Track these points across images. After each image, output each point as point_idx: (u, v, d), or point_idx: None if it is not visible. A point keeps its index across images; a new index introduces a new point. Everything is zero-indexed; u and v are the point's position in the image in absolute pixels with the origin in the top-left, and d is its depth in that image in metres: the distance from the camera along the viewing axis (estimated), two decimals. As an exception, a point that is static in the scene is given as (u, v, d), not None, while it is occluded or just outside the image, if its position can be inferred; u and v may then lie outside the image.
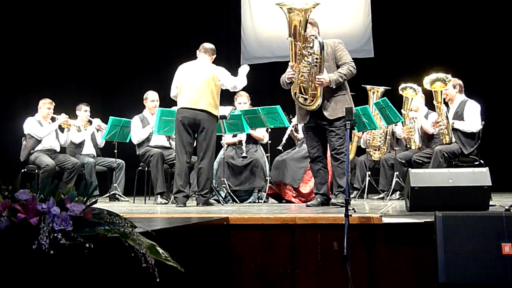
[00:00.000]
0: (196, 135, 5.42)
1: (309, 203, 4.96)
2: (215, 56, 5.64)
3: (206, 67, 5.49)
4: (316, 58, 4.62)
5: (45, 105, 6.90)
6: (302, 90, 4.75)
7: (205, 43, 5.66)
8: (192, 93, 5.35)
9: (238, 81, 5.56)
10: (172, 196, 5.64)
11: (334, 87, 4.70)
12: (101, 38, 9.51)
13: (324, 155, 4.97)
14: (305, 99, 4.75)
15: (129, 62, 9.64)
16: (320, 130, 4.87)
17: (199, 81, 5.38)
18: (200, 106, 5.31)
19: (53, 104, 6.96)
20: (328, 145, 4.91)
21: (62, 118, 6.92)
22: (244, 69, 5.65)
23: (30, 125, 6.78)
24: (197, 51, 5.62)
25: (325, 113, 4.74)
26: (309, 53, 4.63)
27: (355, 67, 4.81)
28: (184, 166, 5.32)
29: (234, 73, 5.62)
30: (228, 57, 8.79)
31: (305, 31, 4.58)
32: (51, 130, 6.84)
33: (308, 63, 4.63)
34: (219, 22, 9.77)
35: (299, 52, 4.65)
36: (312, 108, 4.74)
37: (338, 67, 4.79)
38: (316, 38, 4.65)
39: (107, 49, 9.56)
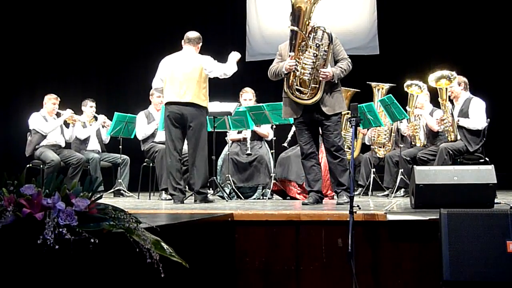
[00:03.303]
0: (185, 130, 5.20)
1: (305, 201, 4.78)
2: (201, 44, 5.37)
3: (190, 58, 5.26)
4: (325, 51, 4.48)
5: (50, 101, 6.91)
6: (299, 83, 4.56)
7: (189, 32, 5.39)
8: (177, 86, 5.14)
9: (227, 67, 5.29)
10: (168, 195, 5.62)
11: (336, 81, 4.59)
12: (106, 33, 9.51)
13: (317, 151, 4.87)
14: (302, 93, 4.56)
15: (135, 57, 9.64)
16: (315, 125, 4.73)
17: (184, 73, 5.17)
18: (187, 98, 5.10)
19: (58, 99, 6.97)
20: (323, 141, 4.80)
21: (67, 113, 6.94)
22: (234, 56, 5.39)
23: (35, 121, 6.79)
24: (182, 41, 5.38)
25: (324, 109, 4.57)
26: (317, 45, 4.47)
27: (351, 63, 4.69)
28: (175, 162, 5.15)
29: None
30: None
31: (309, 20, 4.46)
32: (56, 126, 6.85)
33: (314, 55, 4.48)
34: (224, 18, 9.76)
35: (303, 42, 4.51)
36: (308, 103, 4.55)
37: (335, 61, 4.65)
38: (325, 29, 4.49)
39: (113, 45, 9.56)
